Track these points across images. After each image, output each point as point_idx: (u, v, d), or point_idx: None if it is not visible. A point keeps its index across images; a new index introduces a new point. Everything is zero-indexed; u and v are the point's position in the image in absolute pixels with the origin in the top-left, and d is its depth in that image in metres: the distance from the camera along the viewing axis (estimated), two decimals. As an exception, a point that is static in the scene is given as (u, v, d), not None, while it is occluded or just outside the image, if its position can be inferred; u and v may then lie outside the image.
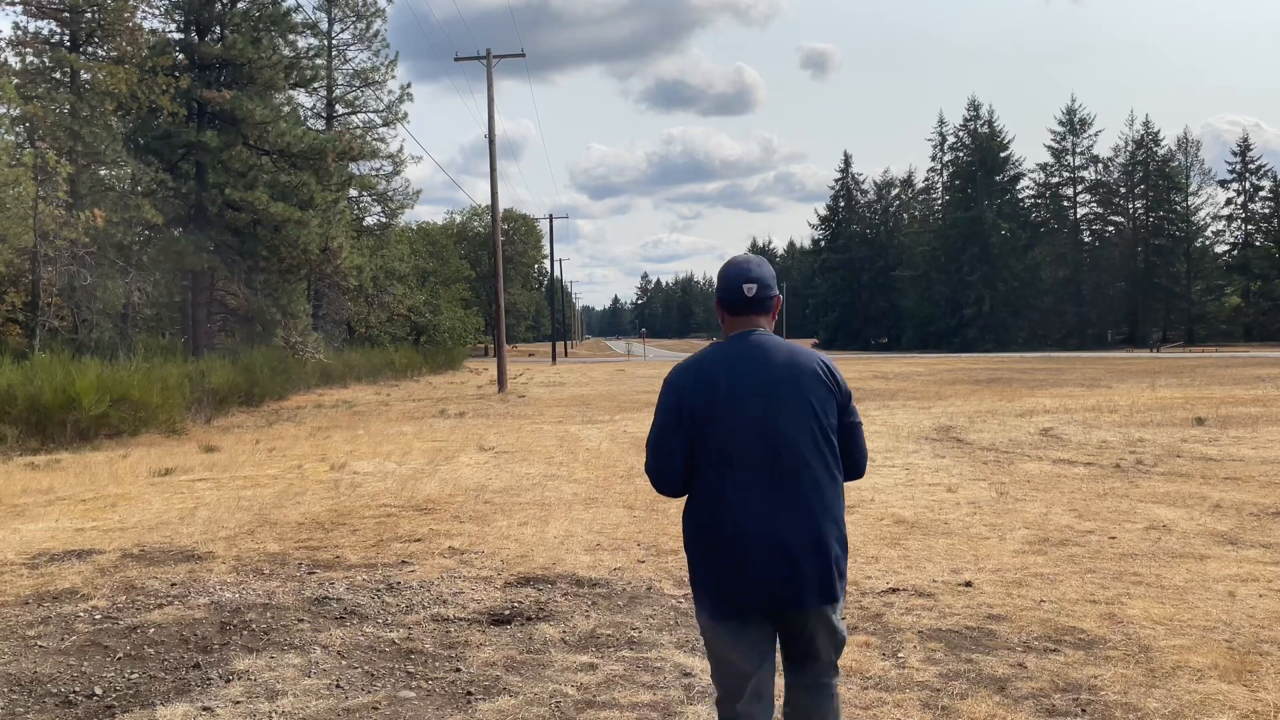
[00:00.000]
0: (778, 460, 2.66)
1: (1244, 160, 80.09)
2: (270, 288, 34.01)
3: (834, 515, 2.72)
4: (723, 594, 2.69)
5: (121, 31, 25.40)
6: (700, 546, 2.74)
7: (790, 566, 2.62)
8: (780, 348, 2.78)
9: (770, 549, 2.62)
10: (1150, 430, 14.03)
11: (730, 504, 2.66)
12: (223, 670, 4.60)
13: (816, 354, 2.83)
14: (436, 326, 53.54)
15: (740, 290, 2.80)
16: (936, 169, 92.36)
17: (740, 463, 2.66)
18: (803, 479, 2.66)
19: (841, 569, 2.73)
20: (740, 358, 2.75)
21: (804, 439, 2.68)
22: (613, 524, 7.94)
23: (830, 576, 2.68)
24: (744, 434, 2.67)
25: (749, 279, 2.82)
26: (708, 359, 2.79)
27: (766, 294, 2.83)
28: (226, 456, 13.15)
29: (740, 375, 2.72)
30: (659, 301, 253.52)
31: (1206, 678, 4.25)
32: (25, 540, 7.65)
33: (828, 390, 2.76)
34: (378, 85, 44.79)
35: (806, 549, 2.64)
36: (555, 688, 4.31)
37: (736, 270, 2.86)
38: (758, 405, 2.68)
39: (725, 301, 2.85)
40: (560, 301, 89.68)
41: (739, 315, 2.84)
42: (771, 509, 2.63)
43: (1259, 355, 46.57)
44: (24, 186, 22.23)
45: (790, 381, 2.71)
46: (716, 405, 2.69)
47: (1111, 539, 7.05)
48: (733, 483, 2.66)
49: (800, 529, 2.64)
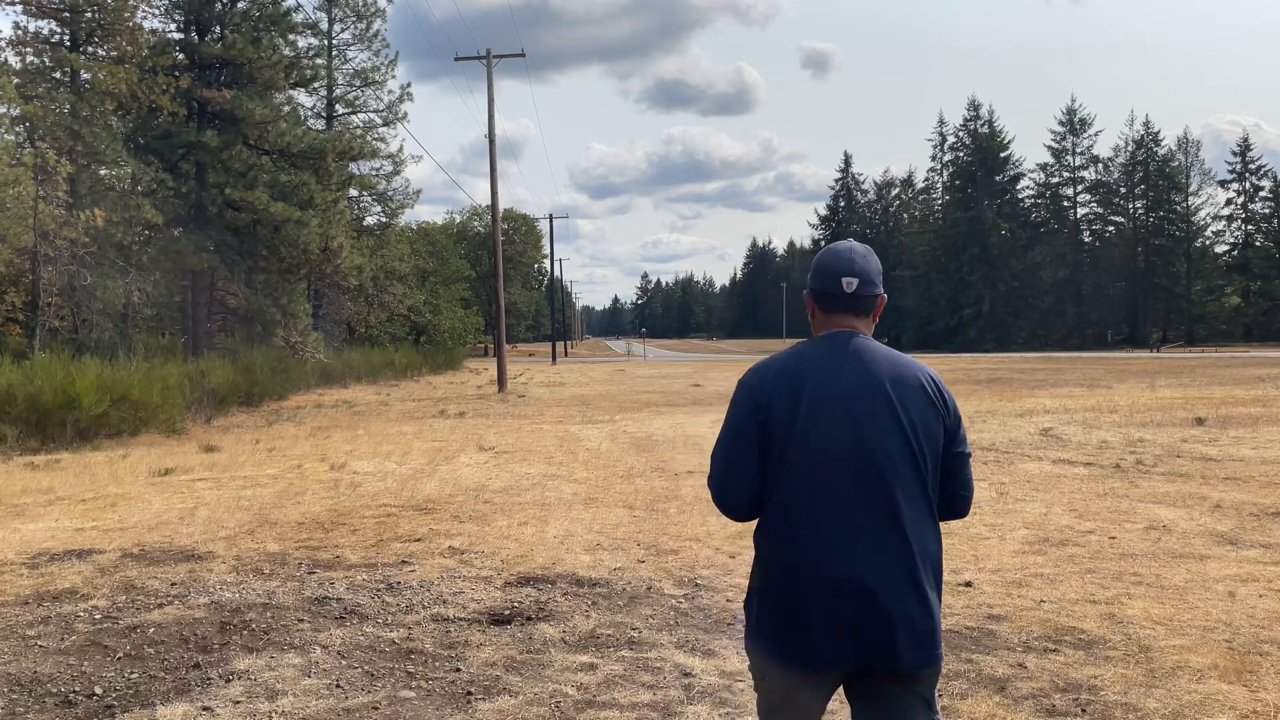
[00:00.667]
0: (871, 489, 2.26)
1: (1244, 160, 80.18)
2: (270, 288, 34.01)
3: (933, 559, 2.31)
4: (791, 642, 2.27)
5: (121, 31, 25.39)
6: (770, 582, 2.32)
7: (879, 617, 2.21)
8: (882, 356, 2.37)
9: (856, 595, 2.21)
10: (1150, 430, 14.03)
11: (809, 537, 2.26)
12: (223, 670, 4.60)
13: (925, 366, 2.40)
14: (436, 326, 53.54)
15: (839, 284, 2.38)
16: (936, 169, 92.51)
17: (825, 489, 2.26)
18: (900, 513, 2.26)
19: (938, 624, 2.29)
20: (833, 363, 2.34)
21: (904, 466, 2.28)
22: (613, 524, 7.94)
23: (931, 631, 2.25)
24: (832, 455, 2.26)
25: (850, 271, 2.39)
26: (794, 360, 2.38)
27: (870, 291, 2.41)
28: (226, 456, 13.15)
29: (832, 384, 2.31)
30: (659, 301, 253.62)
31: (1206, 678, 4.25)
32: (25, 540, 7.65)
33: (935, 411, 2.34)
34: (378, 85, 44.83)
35: (900, 597, 2.23)
36: (555, 688, 4.31)
37: (836, 260, 2.43)
38: (850, 422, 2.28)
39: (819, 295, 2.44)
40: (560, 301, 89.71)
41: (834, 313, 2.42)
42: (859, 547, 2.23)
43: (1259, 355, 46.57)
44: (24, 186, 22.23)
45: (892, 397, 2.30)
46: (801, 417, 2.28)
47: (1111, 539, 7.05)
48: (814, 512, 2.27)
49: (893, 572, 2.23)
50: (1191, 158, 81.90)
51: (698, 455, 12.24)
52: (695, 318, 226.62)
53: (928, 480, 2.32)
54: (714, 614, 5.39)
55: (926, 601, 2.25)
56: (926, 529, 2.30)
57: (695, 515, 8.23)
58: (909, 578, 2.24)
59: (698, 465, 11.28)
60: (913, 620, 2.23)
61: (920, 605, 2.24)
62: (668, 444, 13.65)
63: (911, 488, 2.28)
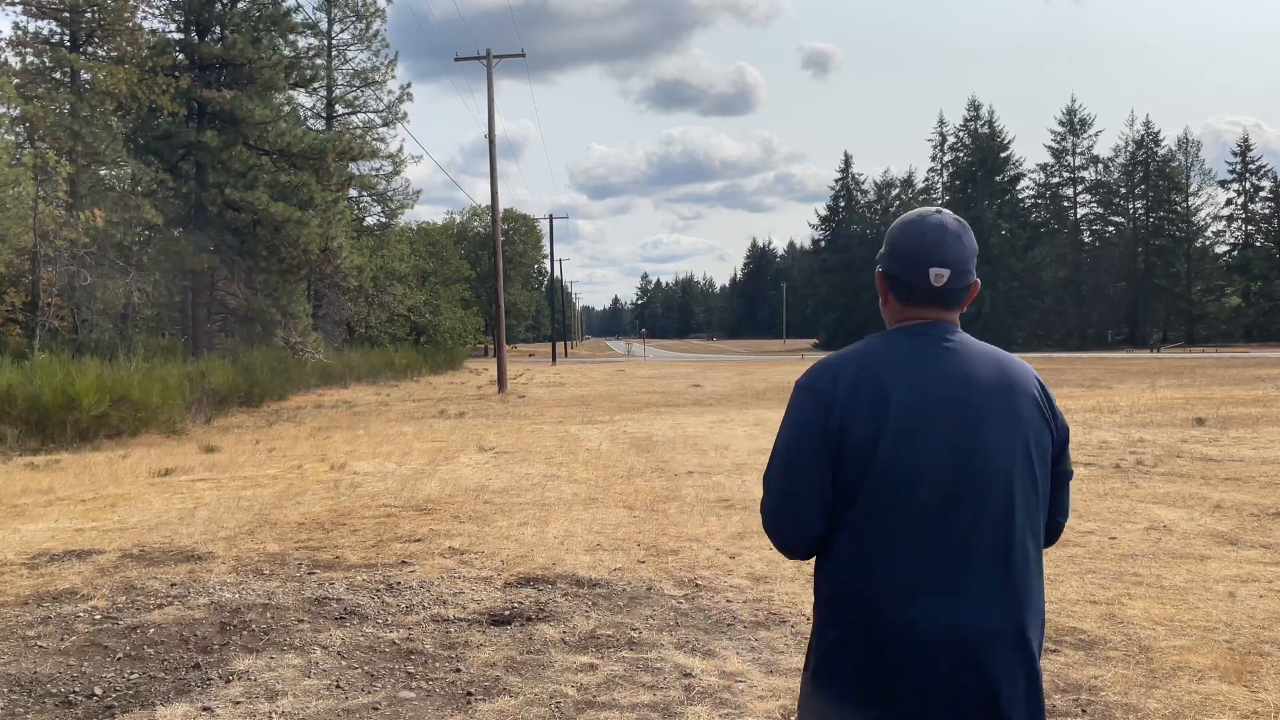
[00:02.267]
0: (974, 519, 1.83)
1: (1244, 160, 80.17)
2: (270, 288, 34.02)
3: (1038, 603, 1.91)
4: (873, 701, 1.84)
5: (121, 31, 25.41)
6: (841, 633, 1.88)
7: (981, 683, 1.80)
8: (985, 354, 1.93)
9: (954, 651, 1.80)
10: (1150, 430, 14.02)
11: (896, 578, 1.83)
12: (223, 670, 4.59)
13: (1032, 369, 1.98)
14: (436, 326, 53.57)
15: (925, 276, 1.92)
16: (936, 169, 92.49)
17: (917, 519, 1.83)
18: (1009, 550, 1.85)
19: (1042, 696, 1.92)
20: (925, 362, 1.90)
21: (1014, 491, 1.86)
22: (613, 524, 7.94)
23: (1036, 691, 1.87)
24: (929, 477, 1.83)
25: (941, 260, 1.92)
26: (872, 358, 1.92)
27: (964, 284, 1.95)
28: (226, 457, 13.15)
29: (926, 389, 1.87)
30: (659, 302, 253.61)
31: (1207, 678, 4.25)
32: (25, 540, 7.65)
33: (1045, 423, 1.93)
34: (377, 85, 44.88)
35: (1005, 649, 1.82)
36: (555, 688, 4.31)
37: (923, 241, 1.94)
38: (952, 435, 1.84)
39: (896, 282, 1.97)
40: (560, 302, 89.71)
41: (916, 306, 1.97)
42: (959, 590, 1.82)
43: (1259, 355, 46.57)
44: (24, 186, 22.24)
45: (1001, 409, 1.87)
46: (887, 430, 1.84)
47: (1112, 539, 7.05)
48: (903, 547, 1.83)
49: (997, 621, 1.82)
50: (1192, 158, 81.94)
51: (698, 455, 12.24)
52: (695, 318, 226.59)
53: (1038, 507, 1.91)
54: (714, 614, 5.39)
55: (1033, 655, 1.85)
56: (1037, 565, 1.91)
57: (695, 515, 8.22)
58: (1019, 626, 1.83)
59: (697, 466, 11.28)
60: (1020, 678, 1.83)
61: (1026, 660, 1.84)
62: (668, 444, 13.65)
63: (1023, 514, 1.87)
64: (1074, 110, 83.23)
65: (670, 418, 18.22)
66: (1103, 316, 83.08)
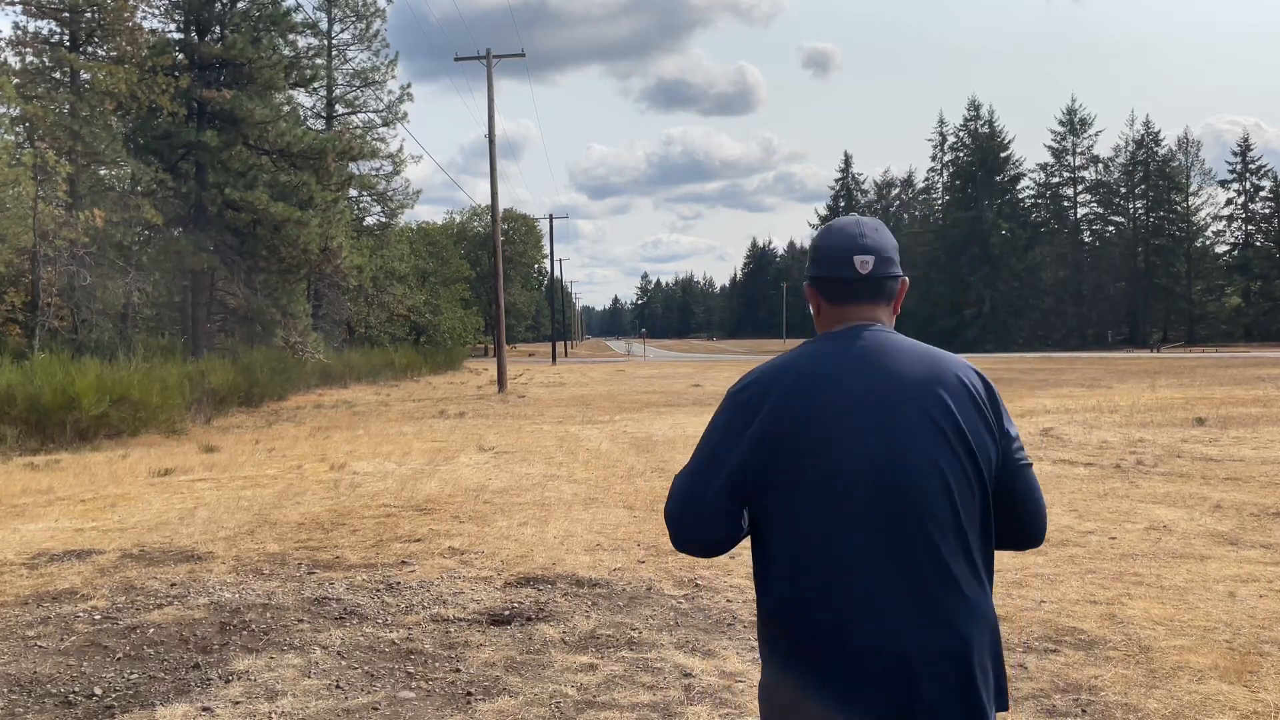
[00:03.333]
0: (903, 524, 1.74)
1: (1244, 160, 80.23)
2: (270, 288, 34.02)
3: (983, 610, 1.78)
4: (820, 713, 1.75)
5: (121, 31, 25.41)
6: (786, 657, 1.79)
7: (913, 694, 1.70)
8: (913, 352, 1.87)
9: (888, 667, 1.70)
10: (1151, 430, 14.02)
11: (829, 591, 1.74)
12: (222, 670, 4.59)
13: (965, 362, 1.90)
14: (436, 326, 53.57)
15: (850, 265, 1.89)
16: (937, 169, 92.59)
17: (846, 531, 1.74)
18: (941, 554, 1.75)
19: (1000, 684, 1.81)
20: (850, 363, 1.84)
21: (946, 490, 1.77)
22: (613, 524, 7.93)
23: (978, 705, 1.74)
24: (855, 485, 1.75)
25: (862, 248, 1.89)
26: (798, 363, 1.86)
27: (889, 271, 1.92)
28: (226, 457, 13.15)
29: (852, 389, 1.80)
30: (659, 301, 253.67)
31: (1207, 678, 4.25)
32: (25, 540, 7.64)
33: (981, 416, 1.83)
34: (377, 85, 44.89)
35: (942, 666, 1.71)
36: (555, 688, 4.30)
37: (842, 236, 1.92)
38: (877, 440, 1.77)
39: (824, 283, 1.93)
40: (560, 301, 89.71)
41: (845, 303, 1.92)
42: (891, 603, 1.72)
43: (1259, 355, 46.56)
44: (24, 186, 22.24)
45: (927, 403, 1.80)
46: (811, 436, 1.77)
47: (1112, 539, 7.04)
48: (834, 556, 1.75)
49: (933, 635, 1.72)
50: (1192, 158, 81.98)
51: (698, 455, 12.23)
52: (695, 318, 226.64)
53: (978, 507, 1.80)
54: (714, 614, 5.39)
55: (972, 668, 1.73)
56: (980, 570, 1.79)
57: (695, 515, 8.21)
58: (957, 639, 1.73)
59: (698, 465, 11.27)
60: (956, 695, 1.72)
61: (965, 674, 1.72)
62: (668, 444, 13.64)
63: (959, 516, 1.77)
64: (1074, 110, 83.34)
65: (670, 417, 18.22)
66: (1103, 316, 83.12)
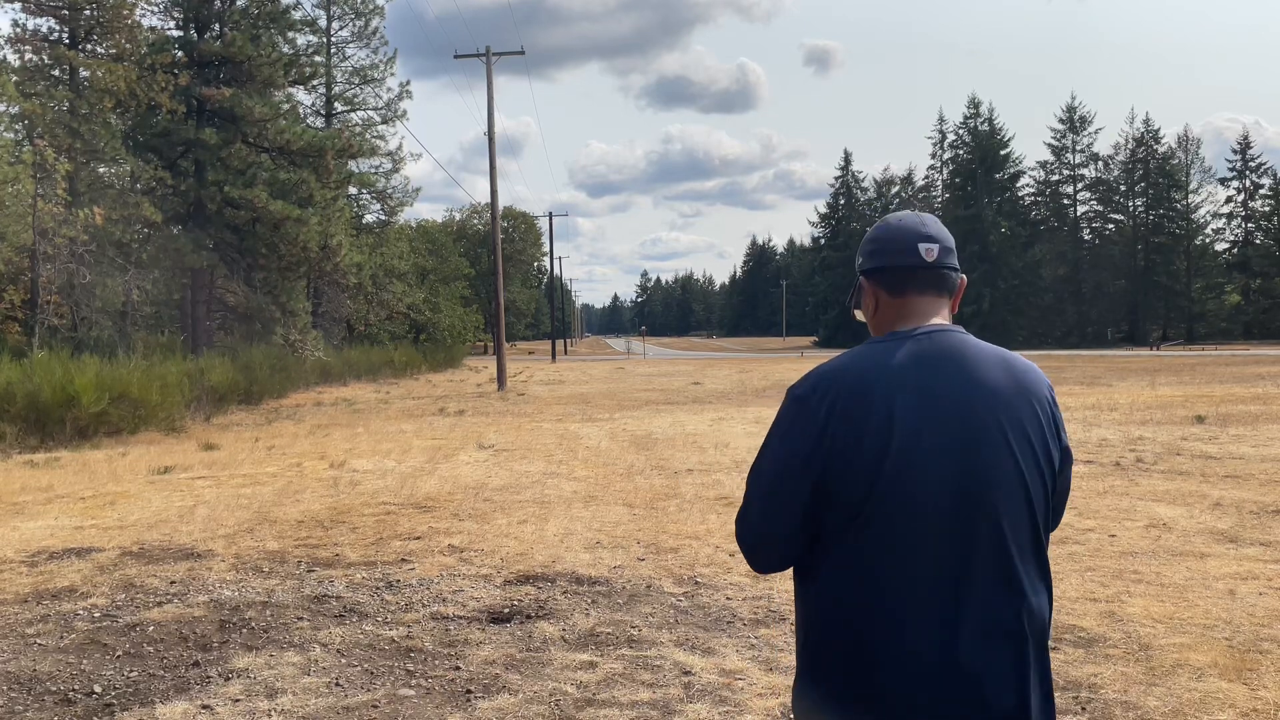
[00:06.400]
0: (979, 548, 1.65)
1: (1244, 158, 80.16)
2: (269, 285, 33.99)
3: (1046, 637, 1.73)
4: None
5: (120, 29, 25.39)
6: (834, 664, 1.69)
7: (984, 709, 1.63)
8: (996, 360, 1.73)
9: (956, 690, 1.62)
10: (1150, 428, 14.02)
11: (895, 611, 1.64)
12: (222, 668, 4.59)
13: (1036, 367, 1.80)
14: (436, 324, 53.53)
15: (916, 250, 1.77)
16: (937, 166, 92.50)
17: (917, 547, 1.64)
18: (1016, 578, 1.66)
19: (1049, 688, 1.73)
20: (928, 370, 1.69)
21: (1028, 506, 1.68)
22: (612, 522, 7.93)
23: (1049, 714, 1.70)
24: (929, 502, 1.64)
25: (926, 236, 1.78)
26: (870, 367, 1.71)
27: (951, 262, 1.80)
28: (226, 454, 13.15)
29: (929, 402, 1.67)
30: (659, 299, 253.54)
31: (1206, 676, 4.25)
32: (24, 538, 7.64)
33: (1052, 428, 1.75)
34: (377, 83, 44.83)
35: (1010, 692, 1.64)
36: (555, 686, 4.30)
37: (902, 225, 1.82)
38: (962, 455, 1.66)
39: (886, 272, 1.80)
40: (560, 299, 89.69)
41: (910, 294, 1.79)
42: (962, 625, 1.63)
43: (1259, 353, 46.57)
44: (23, 184, 22.22)
45: (1013, 416, 1.69)
46: (892, 449, 1.64)
47: (1111, 537, 7.04)
48: (902, 577, 1.64)
49: (1003, 659, 1.64)
50: (1191, 156, 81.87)
51: (697, 453, 12.24)
52: (695, 316, 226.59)
53: (1046, 529, 1.74)
54: (714, 612, 5.39)
55: (1029, 697, 1.66)
56: (1047, 592, 1.74)
57: (695, 513, 8.22)
58: (1025, 664, 1.66)
59: (697, 463, 11.28)
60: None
61: (1023, 702, 1.65)
62: (667, 442, 13.64)
63: (1031, 540, 1.69)
64: (1074, 108, 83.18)
65: (670, 415, 18.21)
66: (1102, 314, 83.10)
